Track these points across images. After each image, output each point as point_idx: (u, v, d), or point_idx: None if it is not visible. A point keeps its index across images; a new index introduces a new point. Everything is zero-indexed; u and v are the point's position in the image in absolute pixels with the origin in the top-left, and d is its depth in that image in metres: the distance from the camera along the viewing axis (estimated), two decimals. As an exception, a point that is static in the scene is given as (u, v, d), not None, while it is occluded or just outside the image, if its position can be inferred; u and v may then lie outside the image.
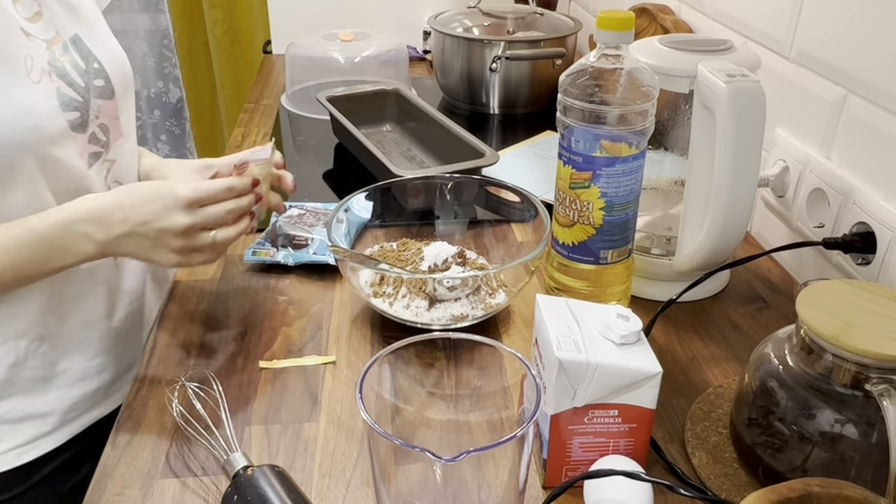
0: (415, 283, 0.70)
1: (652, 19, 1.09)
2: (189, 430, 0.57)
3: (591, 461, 0.53)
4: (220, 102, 2.30)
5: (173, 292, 0.77)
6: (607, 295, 0.67)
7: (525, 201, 0.77)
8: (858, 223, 0.69)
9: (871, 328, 0.48)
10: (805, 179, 0.76)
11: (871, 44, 0.67)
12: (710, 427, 0.59)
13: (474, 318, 0.69)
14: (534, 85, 1.24)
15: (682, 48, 0.69)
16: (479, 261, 0.77)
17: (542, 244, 0.69)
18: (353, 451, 0.58)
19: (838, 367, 0.49)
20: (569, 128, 0.63)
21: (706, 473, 0.55)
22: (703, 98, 0.64)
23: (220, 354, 0.68)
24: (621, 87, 0.61)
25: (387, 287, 0.71)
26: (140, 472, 0.56)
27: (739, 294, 0.78)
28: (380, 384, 0.50)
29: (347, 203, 0.76)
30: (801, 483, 0.42)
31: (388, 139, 1.14)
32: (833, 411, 0.49)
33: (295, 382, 0.65)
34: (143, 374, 0.66)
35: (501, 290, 0.72)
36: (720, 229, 0.65)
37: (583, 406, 0.51)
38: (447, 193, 0.82)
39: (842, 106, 0.72)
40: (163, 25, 2.31)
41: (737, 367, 0.67)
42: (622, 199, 0.64)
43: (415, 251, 0.76)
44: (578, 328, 0.52)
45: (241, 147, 1.13)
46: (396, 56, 1.32)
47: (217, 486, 0.55)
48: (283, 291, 0.77)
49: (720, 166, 0.63)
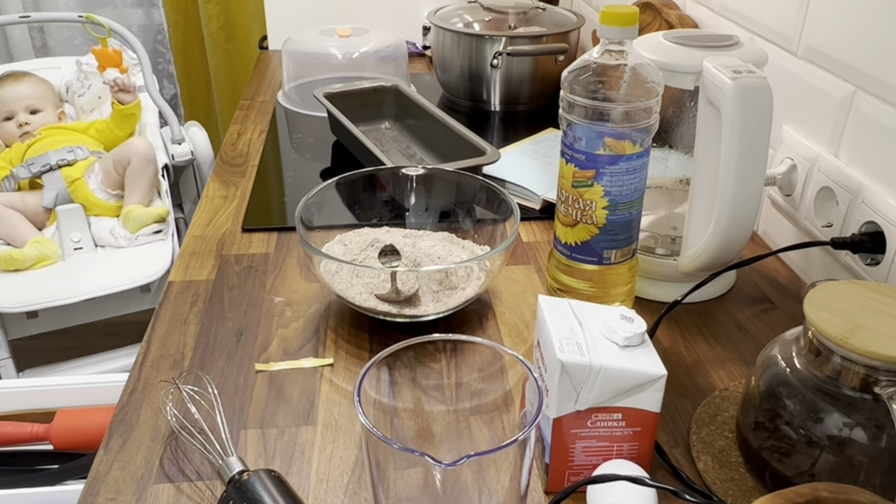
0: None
1: (656, 14, 1.09)
2: (183, 433, 0.56)
3: (594, 466, 0.52)
4: (215, 99, 2.30)
5: (167, 293, 0.76)
6: (611, 296, 0.67)
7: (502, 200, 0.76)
8: (867, 223, 0.68)
9: (880, 330, 0.47)
10: (813, 178, 0.76)
11: (881, 39, 0.66)
12: (716, 431, 0.59)
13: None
14: (536, 81, 1.23)
15: (688, 44, 0.68)
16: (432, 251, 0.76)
17: (499, 247, 0.68)
18: (351, 455, 0.57)
19: (847, 370, 0.48)
20: (571, 125, 0.62)
21: (712, 478, 0.54)
22: (708, 95, 0.64)
23: (215, 357, 0.67)
24: (625, 84, 0.60)
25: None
26: (133, 477, 0.55)
27: (746, 295, 0.77)
28: (378, 387, 0.49)
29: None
30: (809, 488, 0.41)
31: (386, 137, 1.13)
32: (841, 415, 0.48)
33: (291, 385, 0.64)
34: (137, 376, 0.65)
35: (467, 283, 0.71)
36: (726, 229, 0.64)
37: (586, 409, 0.50)
38: (417, 186, 0.81)
39: (850, 103, 0.71)
40: (157, 21, 2.30)
41: (743, 370, 0.66)
42: (626, 197, 0.63)
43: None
44: (581, 330, 0.52)
45: (237, 144, 1.12)
46: (395, 52, 1.31)
47: (212, 491, 0.54)
48: (279, 293, 0.76)
49: (726, 164, 0.62)
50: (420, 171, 0.81)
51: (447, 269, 0.71)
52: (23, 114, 1.64)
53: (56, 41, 2.26)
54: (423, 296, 0.70)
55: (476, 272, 0.72)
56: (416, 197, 0.81)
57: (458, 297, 0.70)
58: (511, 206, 0.73)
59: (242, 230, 0.88)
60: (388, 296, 0.69)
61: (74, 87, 1.80)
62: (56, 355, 1.49)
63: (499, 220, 0.76)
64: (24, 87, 1.67)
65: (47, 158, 1.55)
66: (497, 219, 0.76)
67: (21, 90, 1.66)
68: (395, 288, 0.68)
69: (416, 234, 0.80)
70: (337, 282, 0.70)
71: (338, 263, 0.70)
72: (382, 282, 0.69)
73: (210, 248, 0.84)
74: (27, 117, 1.64)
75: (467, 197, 0.80)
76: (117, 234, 1.51)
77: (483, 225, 0.78)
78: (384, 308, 0.68)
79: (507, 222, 0.74)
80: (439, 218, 0.81)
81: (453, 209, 0.81)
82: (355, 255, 0.74)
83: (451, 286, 0.71)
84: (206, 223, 0.89)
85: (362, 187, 0.80)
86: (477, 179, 0.78)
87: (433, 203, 0.81)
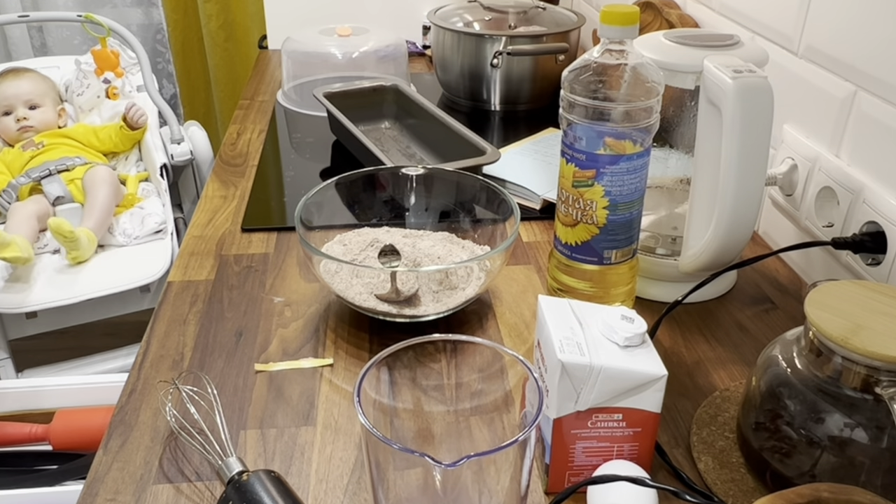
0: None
1: (657, 14, 1.09)
2: (183, 434, 0.56)
3: (594, 466, 0.52)
4: (214, 99, 2.30)
5: (166, 293, 0.76)
6: (611, 296, 0.66)
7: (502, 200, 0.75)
8: (868, 222, 0.68)
9: (881, 330, 0.47)
10: (814, 178, 0.76)
11: (882, 39, 0.66)
12: (717, 431, 0.58)
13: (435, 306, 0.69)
14: (536, 81, 1.23)
15: (688, 43, 0.68)
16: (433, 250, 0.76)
17: (499, 247, 0.68)
18: (351, 455, 0.57)
19: (848, 370, 0.48)
20: (572, 125, 0.62)
21: (712, 479, 0.54)
22: (709, 94, 0.63)
23: (214, 357, 0.67)
24: (625, 84, 0.60)
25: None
26: (133, 478, 0.55)
27: (746, 295, 0.77)
28: (378, 387, 0.49)
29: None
30: (810, 489, 0.41)
31: (386, 136, 1.13)
32: (842, 415, 0.48)
33: (291, 386, 0.64)
34: (136, 376, 0.65)
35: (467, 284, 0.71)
36: (727, 229, 0.64)
37: (586, 410, 0.50)
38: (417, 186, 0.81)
39: (851, 102, 0.71)
40: (156, 20, 2.30)
41: (744, 370, 0.66)
42: (626, 197, 0.63)
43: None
44: (582, 330, 0.51)
45: (236, 144, 1.12)
46: (395, 51, 1.31)
47: (212, 491, 0.54)
48: (278, 293, 0.76)
49: (727, 164, 0.62)
50: (420, 171, 0.80)
51: (447, 269, 0.71)
52: (21, 108, 1.64)
53: (55, 41, 2.26)
54: (423, 296, 0.69)
55: (476, 272, 0.72)
56: (416, 197, 0.81)
57: (458, 297, 0.70)
58: (511, 206, 0.73)
59: (242, 230, 0.88)
60: (388, 296, 0.68)
61: (73, 87, 1.79)
62: (55, 355, 1.48)
63: (499, 220, 0.75)
64: (24, 83, 1.67)
65: (46, 167, 1.56)
66: (497, 219, 0.76)
67: (21, 85, 1.66)
68: (394, 288, 0.68)
69: (416, 234, 0.80)
70: (337, 282, 0.70)
71: (337, 263, 0.70)
72: (382, 282, 0.69)
73: (209, 248, 0.84)
74: (25, 112, 1.64)
75: (467, 197, 0.79)
76: (116, 233, 1.51)
77: (483, 225, 0.78)
78: (384, 308, 0.68)
79: (508, 222, 0.73)
80: (439, 218, 0.81)
81: (453, 209, 0.81)
82: (355, 255, 0.74)
83: (451, 286, 0.71)
84: (205, 223, 0.89)
85: (362, 187, 0.80)
86: (477, 179, 0.78)
87: (433, 203, 0.81)
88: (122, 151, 1.73)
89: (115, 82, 1.76)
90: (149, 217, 1.54)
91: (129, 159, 1.75)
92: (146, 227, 1.53)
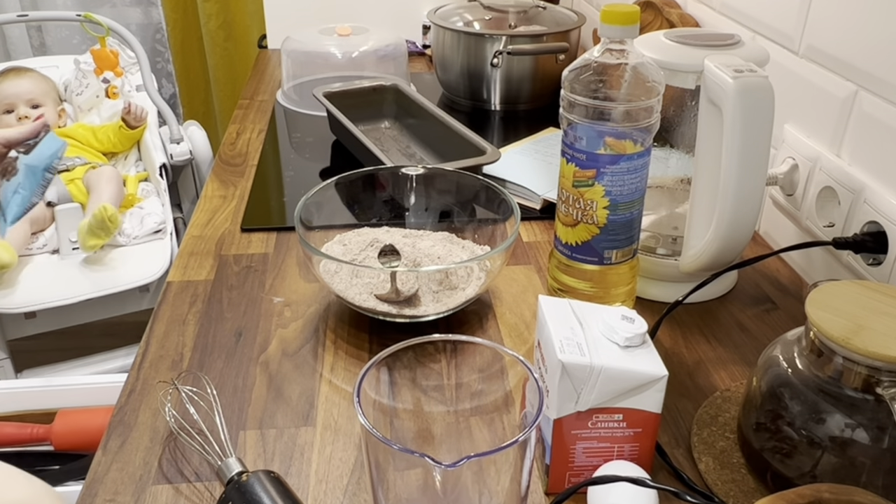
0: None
1: (657, 13, 1.08)
2: (182, 434, 0.56)
3: (594, 467, 0.52)
4: (214, 98, 2.30)
5: (166, 293, 0.76)
6: (611, 296, 0.66)
7: (503, 200, 0.75)
8: (869, 222, 0.68)
9: (882, 330, 0.47)
10: (815, 177, 0.75)
11: (883, 38, 0.66)
12: (717, 432, 0.58)
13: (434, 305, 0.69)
14: (536, 81, 1.22)
15: (689, 43, 0.68)
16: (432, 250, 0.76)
17: (499, 247, 0.68)
18: (351, 456, 0.57)
19: (849, 370, 0.48)
20: (572, 124, 0.62)
21: (713, 479, 0.54)
22: (709, 94, 0.63)
23: (213, 357, 0.67)
24: (626, 83, 0.60)
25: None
26: (132, 478, 0.55)
27: (747, 295, 0.76)
28: (378, 387, 0.49)
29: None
30: (811, 489, 0.41)
31: (386, 136, 1.13)
32: (843, 415, 0.48)
33: (291, 386, 0.64)
34: (135, 377, 0.65)
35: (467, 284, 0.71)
36: (727, 229, 0.64)
37: (586, 410, 0.50)
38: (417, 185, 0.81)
39: (852, 102, 0.71)
40: (155, 20, 2.30)
41: (744, 370, 0.66)
42: (627, 197, 0.63)
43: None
44: (582, 330, 0.51)
45: (236, 144, 1.11)
46: (395, 51, 1.31)
47: (211, 492, 0.54)
48: (278, 293, 0.76)
49: (727, 164, 0.62)
50: (420, 171, 0.80)
51: (447, 269, 0.71)
52: (23, 107, 1.64)
53: (54, 40, 2.26)
54: (423, 296, 0.69)
55: (476, 272, 0.72)
56: (416, 197, 0.81)
57: (458, 297, 0.69)
58: (511, 206, 0.72)
59: (241, 230, 0.87)
60: (388, 296, 0.68)
61: (73, 86, 1.79)
62: (54, 356, 1.48)
63: (499, 220, 0.75)
64: (25, 82, 1.67)
65: None
66: (497, 219, 0.76)
67: (22, 85, 1.66)
68: (394, 288, 0.68)
69: (416, 234, 0.79)
70: (336, 282, 0.70)
71: (337, 263, 0.70)
72: (382, 282, 0.69)
73: (209, 248, 0.84)
74: (27, 111, 1.64)
75: (467, 197, 0.79)
76: (116, 233, 1.51)
77: (483, 225, 0.78)
78: (384, 308, 0.68)
79: (508, 222, 0.73)
80: (439, 218, 0.81)
81: (453, 209, 0.80)
82: (355, 255, 0.74)
83: (451, 286, 0.71)
84: (204, 223, 0.89)
85: (362, 187, 0.79)
86: (477, 179, 0.78)
87: (433, 203, 0.81)
88: (121, 151, 1.73)
89: (115, 82, 1.76)
90: (148, 217, 1.54)
91: (128, 159, 1.75)
92: (145, 227, 1.53)
